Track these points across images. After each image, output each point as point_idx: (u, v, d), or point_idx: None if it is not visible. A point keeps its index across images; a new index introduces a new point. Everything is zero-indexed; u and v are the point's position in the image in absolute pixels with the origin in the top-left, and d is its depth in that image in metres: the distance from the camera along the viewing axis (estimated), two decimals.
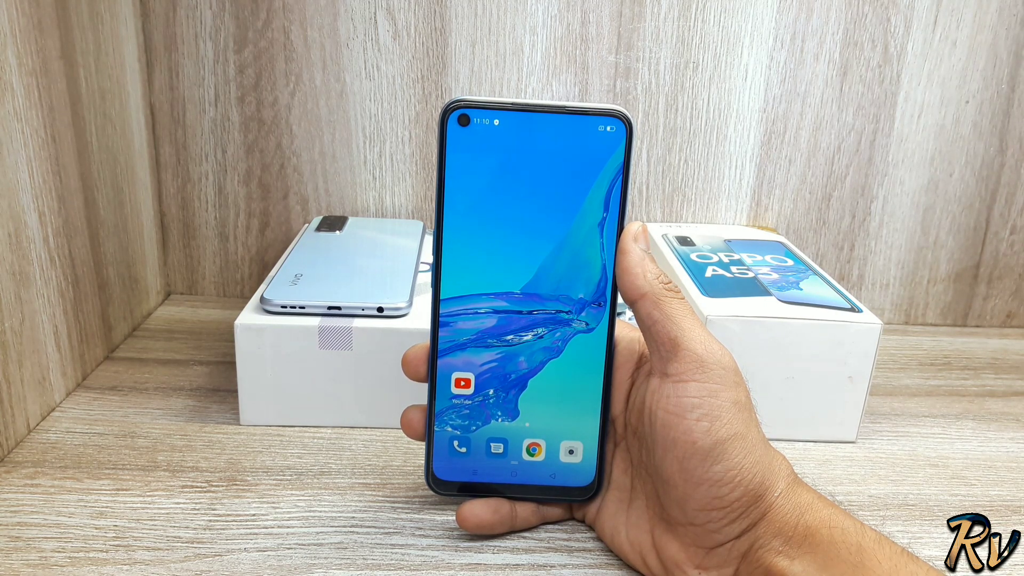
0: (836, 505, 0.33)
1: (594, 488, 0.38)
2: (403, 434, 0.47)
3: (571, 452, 0.38)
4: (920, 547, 0.40)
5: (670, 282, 0.35)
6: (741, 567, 0.33)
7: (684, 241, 0.59)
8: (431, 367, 0.37)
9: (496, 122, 0.34)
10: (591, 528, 0.39)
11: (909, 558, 0.30)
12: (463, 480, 0.38)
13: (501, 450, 0.38)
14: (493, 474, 0.38)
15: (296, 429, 0.47)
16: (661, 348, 0.34)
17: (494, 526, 0.38)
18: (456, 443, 0.38)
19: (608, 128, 0.34)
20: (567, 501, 0.39)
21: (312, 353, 0.46)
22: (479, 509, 0.37)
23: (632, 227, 0.35)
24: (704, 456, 0.32)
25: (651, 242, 0.59)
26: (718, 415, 0.32)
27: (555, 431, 0.38)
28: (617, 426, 0.38)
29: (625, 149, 0.34)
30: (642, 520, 0.36)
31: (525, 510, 0.38)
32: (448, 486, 0.38)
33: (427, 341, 0.37)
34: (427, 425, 0.38)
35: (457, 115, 0.34)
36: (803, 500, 0.33)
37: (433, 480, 0.38)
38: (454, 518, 0.40)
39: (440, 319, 0.36)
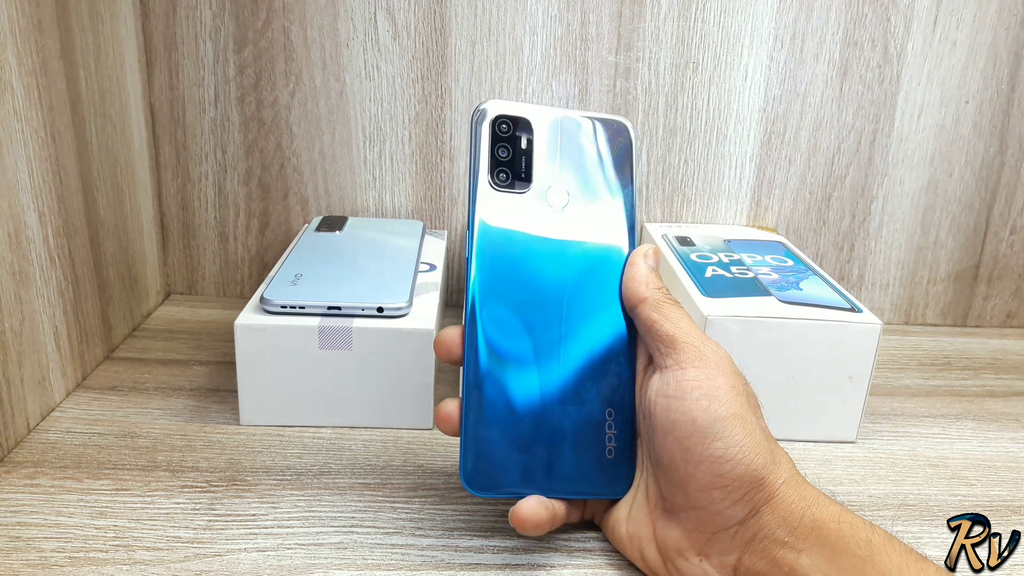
0: (842, 504, 0.33)
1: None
2: (403, 434, 0.47)
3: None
4: (920, 547, 0.40)
5: (670, 295, 0.37)
6: (744, 557, 0.33)
7: (684, 241, 0.59)
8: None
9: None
10: (595, 525, 0.39)
11: (918, 556, 0.30)
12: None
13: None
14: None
15: (296, 429, 0.47)
16: (660, 345, 0.35)
17: (547, 524, 0.36)
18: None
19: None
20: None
21: (312, 353, 0.46)
22: (535, 506, 0.35)
23: (644, 247, 0.38)
24: (704, 434, 0.33)
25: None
26: (716, 395, 0.33)
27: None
28: None
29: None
30: (642, 513, 0.36)
31: (561, 508, 0.37)
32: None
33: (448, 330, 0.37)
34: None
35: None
36: (809, 494, 0.33)
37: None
38: (454, 518, 0.40)
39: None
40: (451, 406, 0.36)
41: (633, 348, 0.38)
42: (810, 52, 0.61)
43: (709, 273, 0.53)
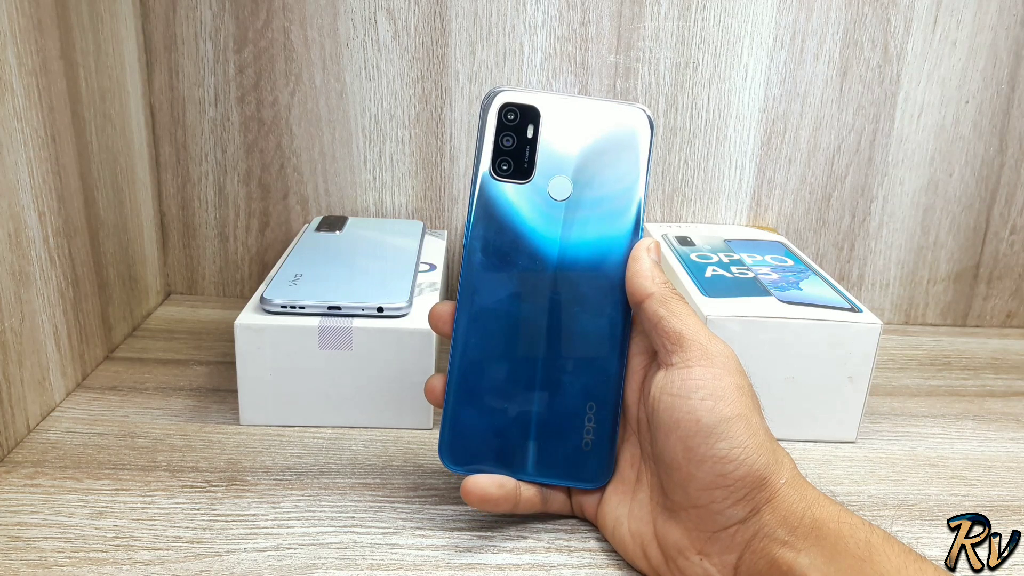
0: (842, 504, 0.33)
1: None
2: (403, 434, 0.47)
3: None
4: (920, 547, 0.40)
5: (676, 290, 0.37)
6: (744, 556, 0.33)
7: (684, 241, 0.59)
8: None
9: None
10: (592, 523, 0.39)
11: (917, 556, 0.30)
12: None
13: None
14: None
15: (296, 429, 0.47)
16: (667, 342, 0.35)
17: (498, 502, 0.37)
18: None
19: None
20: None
21: (312, 353, 0.46)
22: (484, 482, 0.37)
23: (646, 240, 0.37)
24: (708, 434, 0.33)
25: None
26: (722, 395, 0.33)
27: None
28: (629, 419, 0.38)
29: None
30: (644, 511, 0.36)
31: (529, 491, 0.38)
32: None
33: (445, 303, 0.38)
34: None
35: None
36: (809, 494, 0.33)
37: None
38: (454, 518, 0.40)
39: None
40: (438, 380, 0.38)
41: (626, 343, 0.38)
42: (810, 52, 0.61)
43: (709, 273, 0.53)
